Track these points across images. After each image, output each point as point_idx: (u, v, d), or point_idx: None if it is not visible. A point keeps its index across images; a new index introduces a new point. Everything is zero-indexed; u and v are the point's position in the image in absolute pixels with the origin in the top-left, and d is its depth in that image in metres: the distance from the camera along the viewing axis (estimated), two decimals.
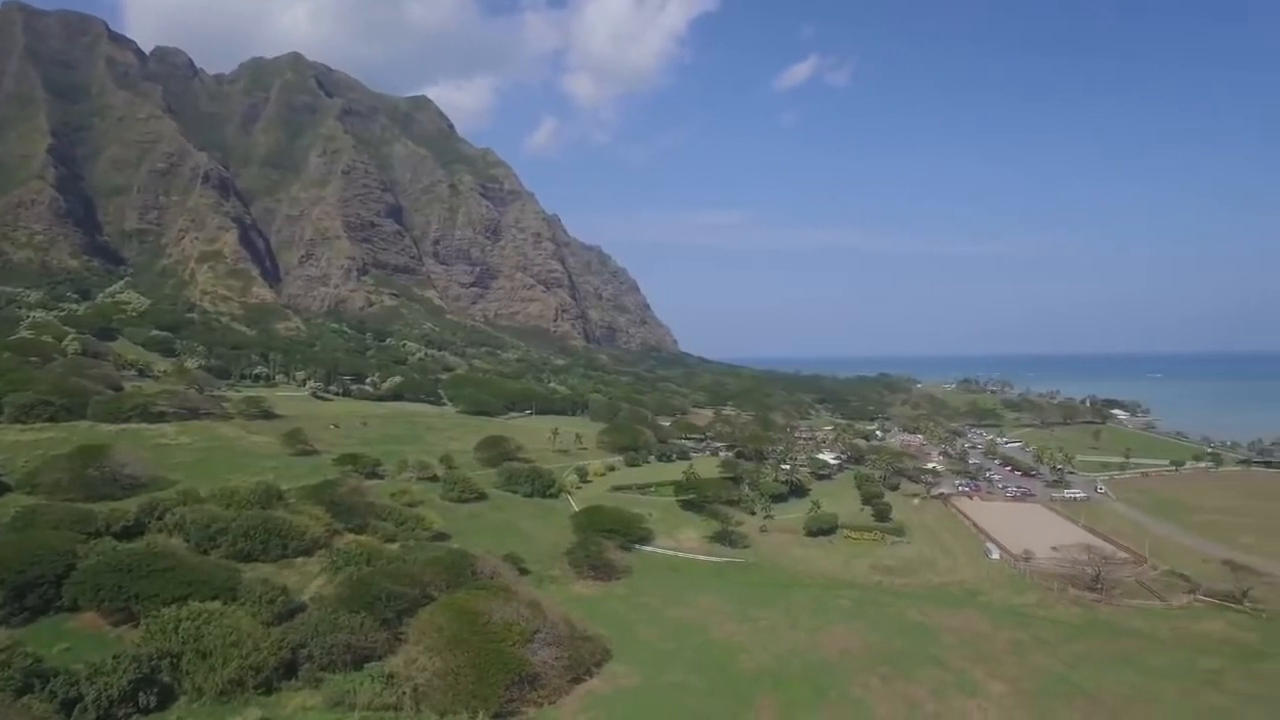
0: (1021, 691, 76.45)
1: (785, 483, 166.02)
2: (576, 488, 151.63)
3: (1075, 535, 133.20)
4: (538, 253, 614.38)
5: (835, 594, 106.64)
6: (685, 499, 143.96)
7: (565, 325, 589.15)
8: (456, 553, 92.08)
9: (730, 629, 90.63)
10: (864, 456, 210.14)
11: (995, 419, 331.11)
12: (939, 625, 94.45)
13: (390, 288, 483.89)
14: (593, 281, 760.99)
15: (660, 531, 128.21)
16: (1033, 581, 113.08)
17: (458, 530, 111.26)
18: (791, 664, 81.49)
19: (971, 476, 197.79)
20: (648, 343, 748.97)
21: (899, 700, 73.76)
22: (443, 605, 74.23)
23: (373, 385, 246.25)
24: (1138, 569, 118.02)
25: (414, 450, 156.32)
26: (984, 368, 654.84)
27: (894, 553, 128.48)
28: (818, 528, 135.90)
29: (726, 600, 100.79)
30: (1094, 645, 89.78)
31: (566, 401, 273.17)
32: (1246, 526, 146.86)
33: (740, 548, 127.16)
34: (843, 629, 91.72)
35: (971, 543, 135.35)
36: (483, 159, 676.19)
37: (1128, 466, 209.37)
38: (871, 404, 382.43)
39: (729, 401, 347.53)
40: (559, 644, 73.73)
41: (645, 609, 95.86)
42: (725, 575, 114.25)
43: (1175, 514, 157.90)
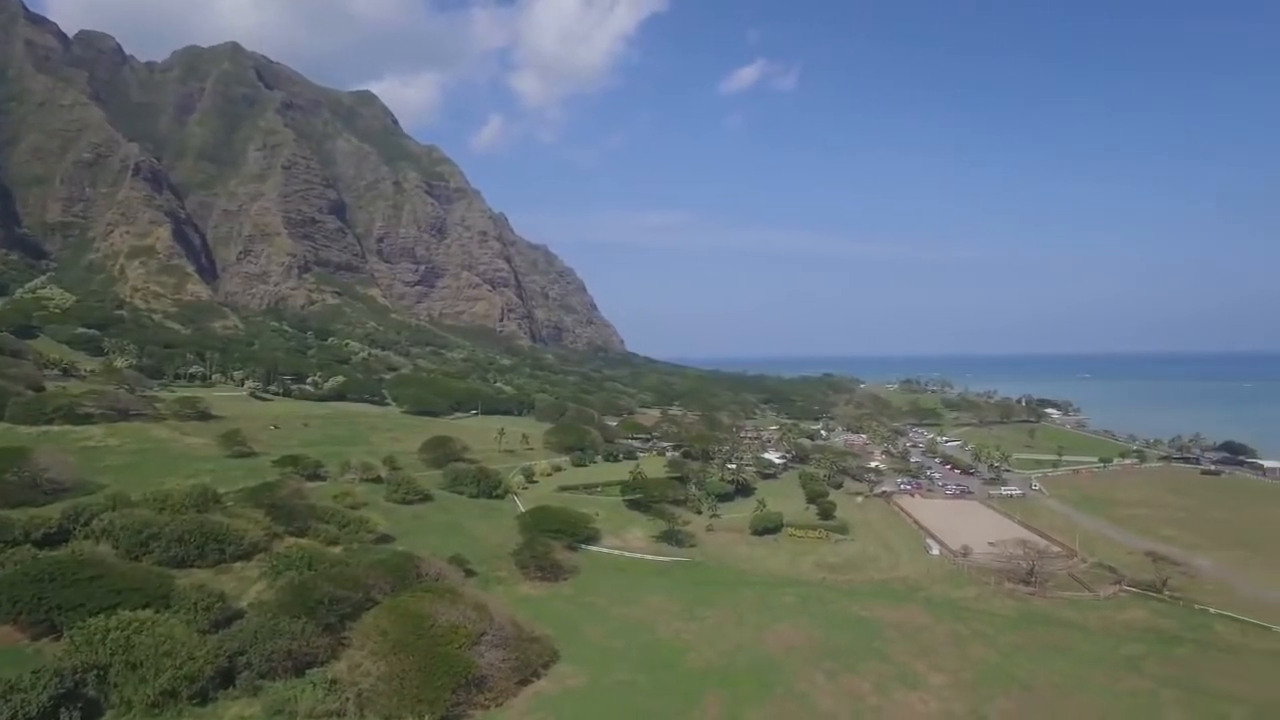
0: (960, 682, 78.74)
1: (731, 482, 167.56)
2: (523, 488, 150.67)
3: (1011, 531, 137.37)
4: (484, 251, 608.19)
5: (781, 591, 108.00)
6: (632, 499, 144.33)
7: (511, 325, 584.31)
8: (401, 555, 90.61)
9: (677, 627, 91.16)
10: (809, 456, 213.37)
11: (936, 418, 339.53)
12: (882, 620, 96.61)
13: (333, 286, 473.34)
14: (539, 281, 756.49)
15: (607, 531, 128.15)
16: (971, 576, 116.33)
17: (402, 532, 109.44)
18: (738, 661, 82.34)
19: (913, 475, 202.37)
20: (594, 342, 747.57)
21: (843, 694, 75.18)
22: (387, 608, 72.99)
23: (314, 385, 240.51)
24: (1069, 562, 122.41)
25: (357, 451, 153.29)
26: (925, 368, 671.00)
27: (838, 550, 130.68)
28: (763, 526, 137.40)
29: (673, 599, 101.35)
30: (1028, 636, 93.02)
31: (513, 401, 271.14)
32: (1167, 519, 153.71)
33: (687, 547, 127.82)
34: (788, 626, 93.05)
35: (913, 539, 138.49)
36: (428, 156, 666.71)
37: (1060, 464, 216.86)
38: (816, 404, 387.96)
39: (675, 401, 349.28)
40: (506, 645, 73.17)
41: (592, 609, 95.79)
42: (672, 574, 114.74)
43: (1103, 509, 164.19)
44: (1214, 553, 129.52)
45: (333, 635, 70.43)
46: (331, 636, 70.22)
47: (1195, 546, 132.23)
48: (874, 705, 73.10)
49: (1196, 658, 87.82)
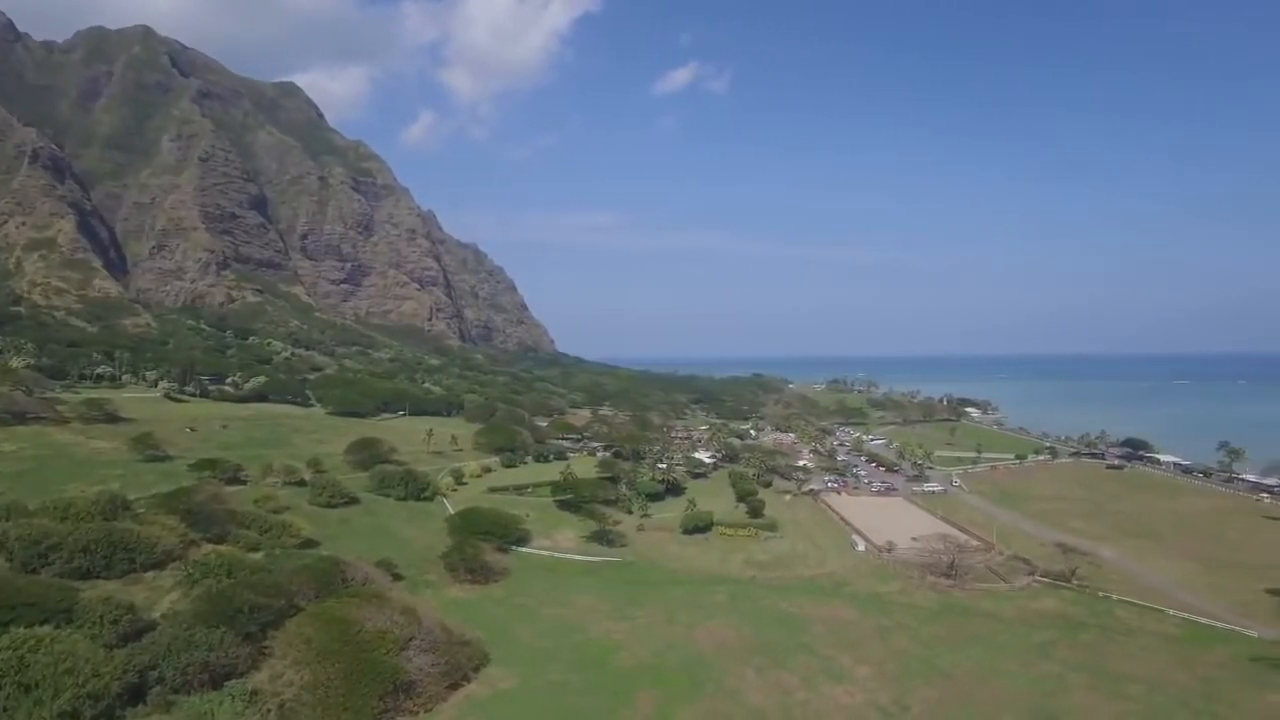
0: (885, 674, 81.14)
1: (662, 482, 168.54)
2: (452, 490, 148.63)
3: (933, 526, 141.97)
4: (412, 250, 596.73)
5: (711, 590, 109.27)
6: (563, 499, 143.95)
7: (440, 324, 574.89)
8: (326, 560, 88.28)
9: (608, 627, 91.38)
10: (738, 455, 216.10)
11: (862, 417, 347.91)
12: (809, 616, 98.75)
13: (254, 283, 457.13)
14: (469, 280, 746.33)
15: (538, 532, 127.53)
16: (895, 571, 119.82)
17: (327, 536, 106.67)
18: (669, 659, 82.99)
19: (839, 473, 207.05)
20: (525, 342, 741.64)
21: (773, 689, 76.56)
22: (311, 615, 71.05)
23: (234, 386, 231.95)
24: (987, 555, 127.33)
25: (280, 454, 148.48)
26: (852, 368, 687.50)
27: (767, 548, 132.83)
28: (694, 525, 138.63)
29: (604, 599, 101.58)
30: (949, 627, 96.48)
31: (442, 402, 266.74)
32: (1076, 512, 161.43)
33: (618, 546, 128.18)
34: (719, 623, 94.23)
35: (839, 536, 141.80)
36: (355, 151, 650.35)
37: (979, 461, 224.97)
38: (746, 404, 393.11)
39: (606, 402, 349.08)
40: (435, 650, 72.09)
41: (523, 610, 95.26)
42: (603, 574, 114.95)
43: (1018, 503, 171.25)
44: (1117, 543, 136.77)
45: (253, 645, 68.09)
46: (252, 646, 67.87)
47: (1101, 537, 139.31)
48: (802, 700, 74.63)
49: (1100, 641, 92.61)
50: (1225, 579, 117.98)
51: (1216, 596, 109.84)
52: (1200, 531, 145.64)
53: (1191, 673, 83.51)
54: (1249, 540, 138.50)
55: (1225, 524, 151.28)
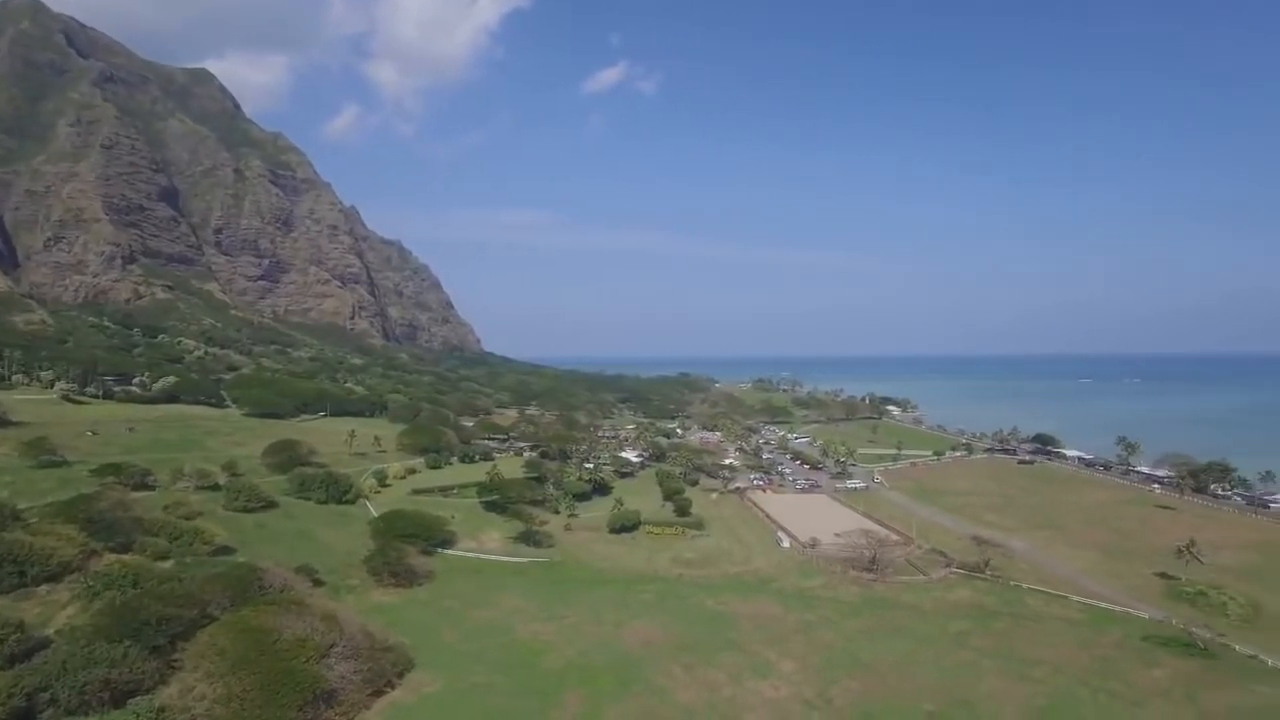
0: (809, 667, 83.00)
1: (589, 481, 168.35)
2: (375, 492, 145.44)
3: (855, 522, 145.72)
4: (334, 246, 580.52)
5: (639, 588, 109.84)
6: (489, 500, 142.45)
7: (363, 323, 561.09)
8: (242, 567, 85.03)
9: (535, 628, 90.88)
10: (665, 454, 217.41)
11: (786, 416, 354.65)
12: (736, 612, 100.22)
13: (163, 279, 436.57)
14: (393, 278, 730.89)
15: (463, 534, 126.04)
16: (819, 566, 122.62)
17: (244, 542, 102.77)
18: (597, 658, 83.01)
19: (765, 471, 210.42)
20: (450, 342, 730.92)
21: (700, 686, 77.40)
22: (225, 625, 68.38)
23: (141, 386, 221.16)
24: (907, 549, 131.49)
25: (192, 457, 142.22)
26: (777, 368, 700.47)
27: (694, 546, 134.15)
28: (621, 525, 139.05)
29: (531, 600, 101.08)
30: (871, 620, 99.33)
31: (364, 402, 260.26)
32: (989, 506, 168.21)
33: (545, 547, 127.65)
34: (646, 622, 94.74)
35: (765, 533, 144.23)
36: (273, 143, 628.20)
37: (899, 458, 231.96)
38: (672, 403, 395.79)
39: (533, 401, 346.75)
40: (358, 656, 70.37)
41: (448, 613, 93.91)
42: (530, 575, 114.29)
43: (936, 498, 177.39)
44: (1027, 534, 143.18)
45: (162, 659, 64.88)
46: (160, 660, 64.65)
47: (1012, 530, 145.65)
48: (729, 695, 75.67)
49: (1011, 629, 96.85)
50: (1121, 565, 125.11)
51: (1114, 582, 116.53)
52: (1100, 522, 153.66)
53: (1091, 654, 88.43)
54: (1142, 528, 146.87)
55: (1122, 514, 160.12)
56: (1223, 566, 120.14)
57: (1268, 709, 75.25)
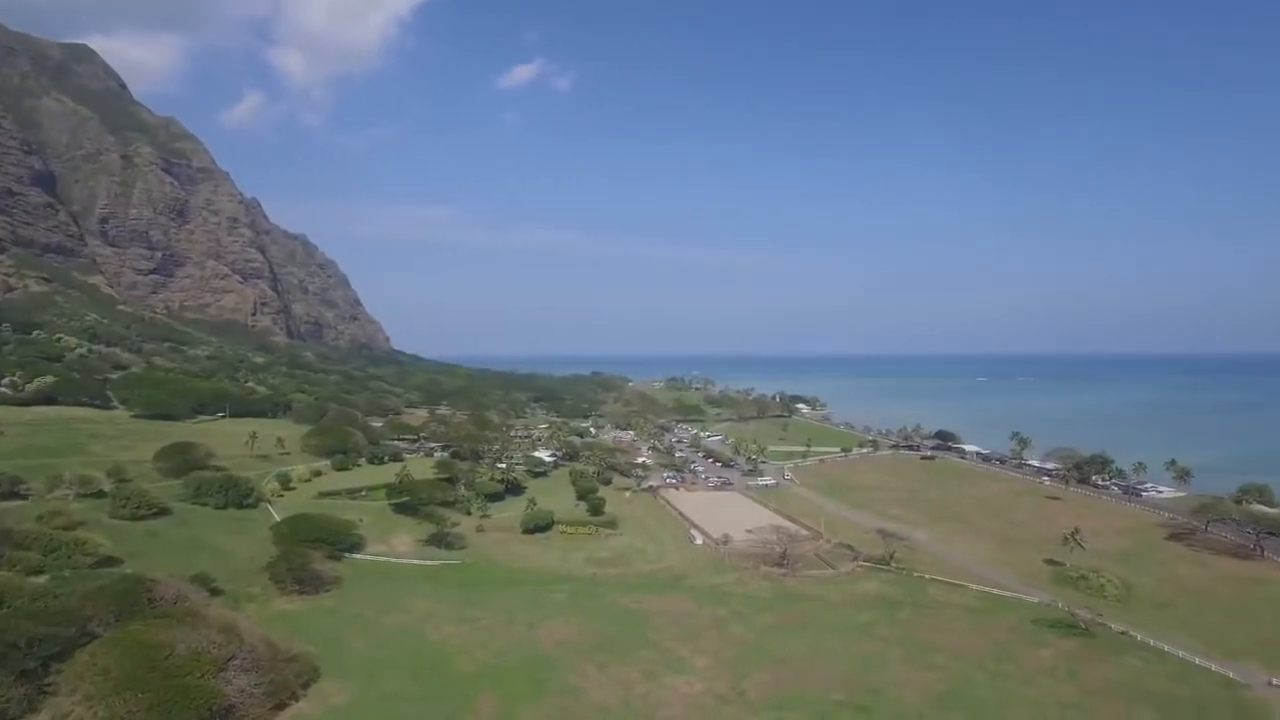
0: (722, 662, 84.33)
1: (502, 481, 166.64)
2: (278, 495, 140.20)
3: (766, 518, 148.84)
4: (233, 239, 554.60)
5: (552, 589, 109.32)
6: (399, 502, 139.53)
7: (265, 320, 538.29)
8: (129, 579, 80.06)
9: (448, 631, 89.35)
10: (579, 453, 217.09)
11: (699, 414, 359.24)
12: (650, 610, 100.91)
13: (38, 270, 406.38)
14: (297, 273, 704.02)
15: (372, 537, 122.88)
16: (731, 563, 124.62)
17: (133, 552, 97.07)
18: (510, 660, 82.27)
19: (678, 469, 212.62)
20: (358, 340, 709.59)
21: (614, 684, 77.55)
22: (108, 643, 64.29)
23: (12, 387, 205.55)
24: (816, 544, 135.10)
25: (72, 463, 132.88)
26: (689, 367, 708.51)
27: (608, 545, 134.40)
28: (534, 525, 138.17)
29: (443, 603, 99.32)
30: (781, 614, 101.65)
31: (267, 402, 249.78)
32: (894, 500, 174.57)
33: (457, 549, 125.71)
34: (560, 622, 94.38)
35: (678, 531, 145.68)
36: (166, 129, 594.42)
37: (809, 454, 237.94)
38: (586, 402, 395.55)
39: (444, 401, 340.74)
40: (258, 668, 67.46)
41: (357, 619, 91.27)
42: (441, 578, 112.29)
43: (844, 493, 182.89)
44: (929, 527, 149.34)
45: (33, 683, 60.21)
46: (30, 685, 59.96)
47: (915, 523, 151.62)
48: (643, 693, 76.10)
49: (914, 618, 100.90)
50: (1014, 554, 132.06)
51: (1008, 570, 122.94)
52: (996, 513, 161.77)
53: (987, 638, 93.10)
54: (1033, 519, 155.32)
55: (1015, 505, 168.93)
56: (1101, 552, 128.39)
57: (1134, 679, 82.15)
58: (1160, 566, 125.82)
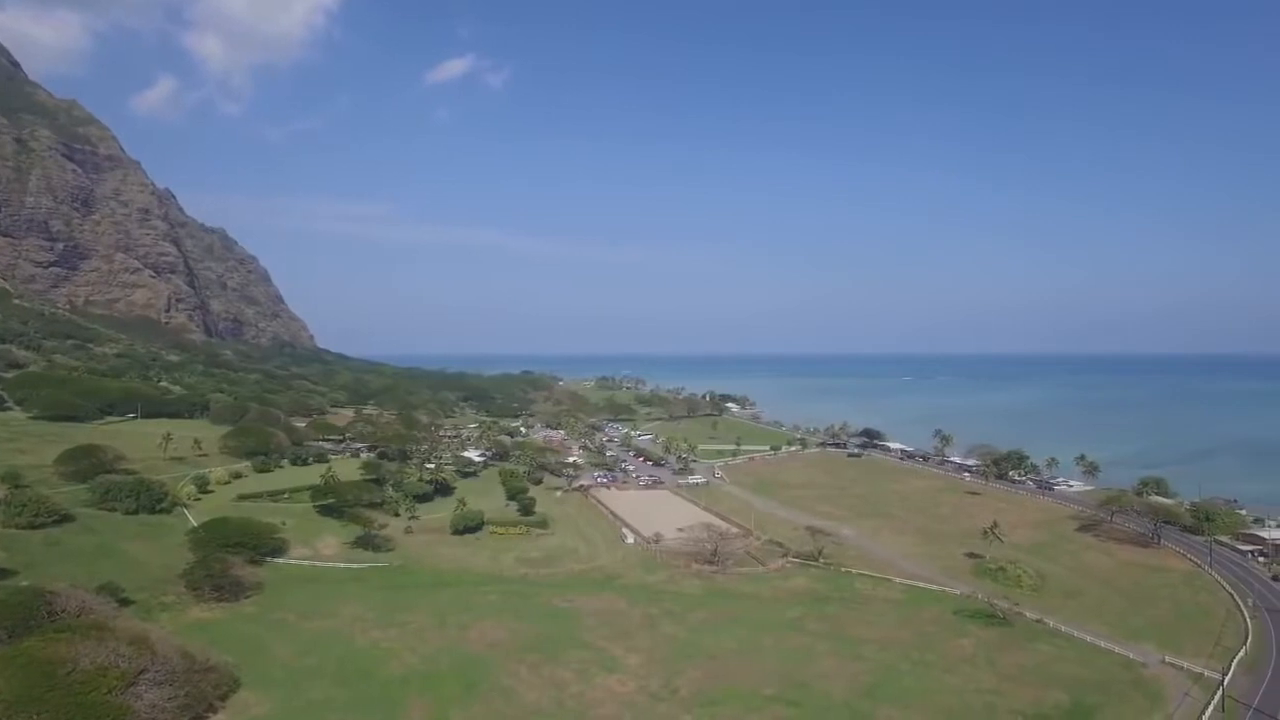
0: (654, 660, 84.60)
1: (430, 482, 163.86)
2: (195, 499, 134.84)
3: (697, 516, 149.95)
4: (145, 232, 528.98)
5: (483, 590, 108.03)
6: (324, 504, 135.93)
7: (180, 316, 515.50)
8: (25, 591, 75.42)
9: (376, 635, 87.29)
10: (509, 453, 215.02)
11: (630, 414, 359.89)
12: (582, 609, 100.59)
13: None
14: (215, 269, 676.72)
15: (296, 540, 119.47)
16: (663, 561, 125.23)
17: (30, 563, 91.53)
18: (441, 662, 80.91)
19: (609, 468, 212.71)
20: (280, 338, 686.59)
21: (547, 684, 76.96)
22: (1, 661, 60.22)
23: None
24: (746, 541, 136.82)
25: None
26: (620, 366, 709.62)
27: (539, 545, 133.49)
28: (464, 525, 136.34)
29: (371, 606, 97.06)
30: (713, 611, 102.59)
31: (183, 403, 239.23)
32: (822, 497, 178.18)
33: (385, 551, 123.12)
34: (492, 623, 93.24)
35: (610, 530, 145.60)
36: (68, 113, 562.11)
37: (738, 453, 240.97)
38: (516, 401, 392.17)
39: (371, 400, 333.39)
40: (172, 681, 64.48)
41: (280, 626, 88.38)
42: (369, 581, 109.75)
43: (773, 491, 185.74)
44: (856, 522, 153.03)
45: None
46: None
47: (842, 519, 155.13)
48: (576, 692, 75.72)
49: (841, 612, 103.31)
50: (937, 548, 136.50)
51: (931, 563, 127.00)
52: (919, 509, 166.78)
53: (911, 630, 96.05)
54: (955, 514, 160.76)
55: (938, 500, 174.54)
56: (1018, 544, 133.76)
57: (1047, 664, 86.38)
58: (1070, 557, 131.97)
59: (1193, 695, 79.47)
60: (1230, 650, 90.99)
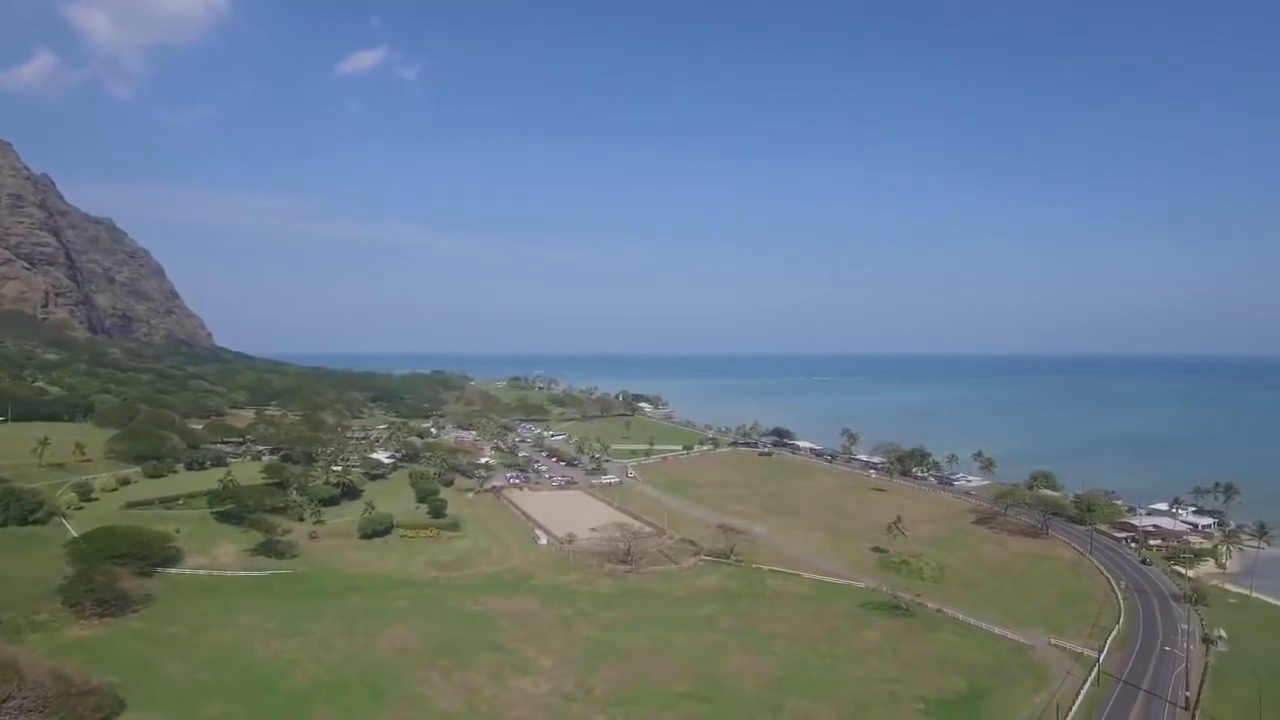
0: (568, 660, 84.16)
1: (337, 485, 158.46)
2: (76, 508, 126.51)
3: (610, 516, 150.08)
4: (17, 220, 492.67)
5: (393, 594, 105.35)
6: (222, 510, 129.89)
7: (61, 312, 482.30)
8: None
9: (278, 646, 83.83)
10: (419, 454, 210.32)
11: (542, 414, 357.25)
12: (495, 612, 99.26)
13: None
14: (102, 261, 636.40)
15: (192, 549, 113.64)
16: (576, 561, 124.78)
17: None
18: (348, 671, 78.45)
19: (521, 469, 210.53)
20: (175, 336, 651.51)
21: (459, 689, 75.51)
22: None
23: None
24: (659, 540, 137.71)
25: None
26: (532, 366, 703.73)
27: (450, 547, 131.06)
28: (372, 529, 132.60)
29: (273, 616, 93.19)
30: (626, 610, 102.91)
31: (63, 404, 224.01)
32: (734, 495, 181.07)
33: (289, 557, 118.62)
34: (401, 628, 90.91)
35: (522, 531, 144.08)
36: None
37: (651, 452, 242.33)
38: (427, 401, 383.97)
39: (274, 401, 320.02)
40: (44, 707, 60.36)
41: (172, 641, 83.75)
42: (271, 589, 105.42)
43: (685, 490, 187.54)
44: (767, 520, 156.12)
45: None
46: None
47: (754, 516, 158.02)
48: (489, 696, 74.57)
49: (753, 608, 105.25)
50: (845, 543, 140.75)
51: (839, 558, 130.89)
52: (828, 505, 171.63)
53: (820, 624, 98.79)
54: (861, 510, 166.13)
55: (845, 497, 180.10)
56: (920, 538, 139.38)
57: (946, 652, 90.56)
58: (968, 549, 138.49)
59: (1073, 673, 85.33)
60: (1105, 629, 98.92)
